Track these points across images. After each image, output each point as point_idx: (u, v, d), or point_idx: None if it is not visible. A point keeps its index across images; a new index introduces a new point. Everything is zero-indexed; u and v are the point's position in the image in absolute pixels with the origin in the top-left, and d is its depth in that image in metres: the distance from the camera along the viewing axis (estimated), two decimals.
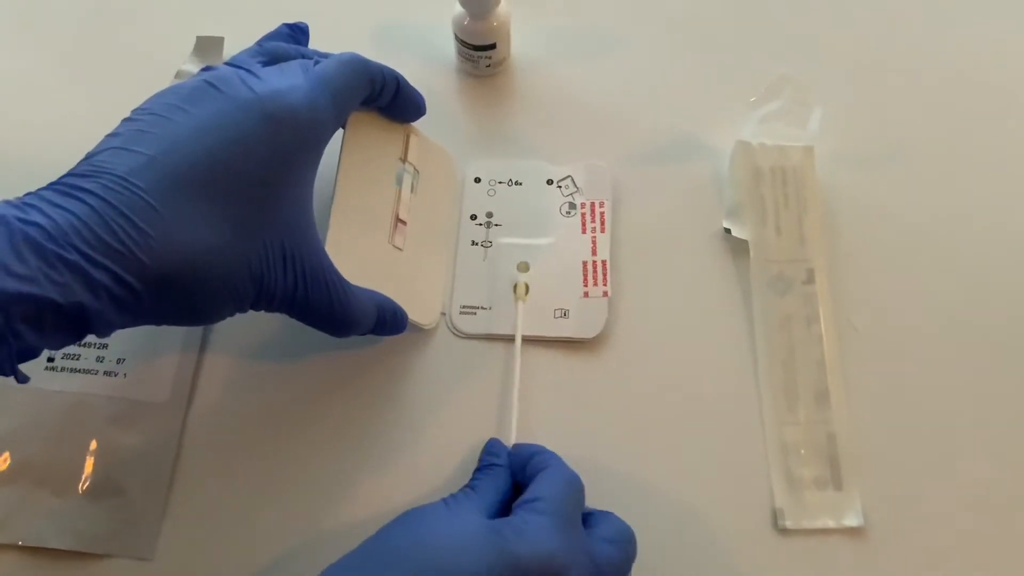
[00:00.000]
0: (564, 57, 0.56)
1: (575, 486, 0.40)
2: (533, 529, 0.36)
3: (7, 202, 0.34)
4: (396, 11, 0.57)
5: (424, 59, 0.55)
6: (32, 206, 0.33)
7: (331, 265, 0.41)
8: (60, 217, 0.33)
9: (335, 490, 0.45)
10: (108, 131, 0.37)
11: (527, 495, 0.38)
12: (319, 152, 0.41)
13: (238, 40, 0.42)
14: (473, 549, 0.35)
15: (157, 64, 0.54)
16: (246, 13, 0.57)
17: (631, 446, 0.45)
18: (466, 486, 0.41)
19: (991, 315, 0.48)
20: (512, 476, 0.41)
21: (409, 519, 0.37)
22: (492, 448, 0.43)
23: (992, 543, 0.43)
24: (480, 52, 0.53)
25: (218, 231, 0.36)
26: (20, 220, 0.32)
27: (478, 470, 0.42)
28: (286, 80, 0.39)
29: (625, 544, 0.39)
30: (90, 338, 0.47)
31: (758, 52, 0.56)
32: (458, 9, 0.51)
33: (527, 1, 0.56)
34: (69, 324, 0.34)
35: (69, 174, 0.36)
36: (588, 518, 0.40)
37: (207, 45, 0.56)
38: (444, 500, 0.39)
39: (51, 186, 0.35)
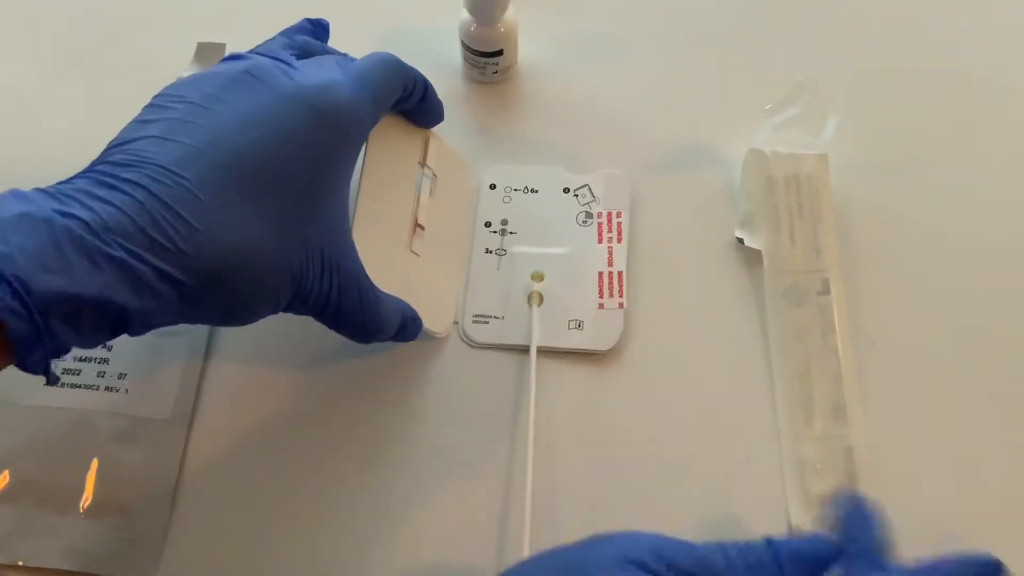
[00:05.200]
0: (571, 64, 0.55)
1: None
2: None
3: (42, 191, 0.32)
4: (402, 17, 0.57)
5: (430, 65, 0.54)
6: (71, 197, 0.32)
7: (363, 270, 0.40)
8: (103, 210, 0.31)
9: (342, 506, 0.44)
10: (109, 138, 0.35)
11: None
12: (358, 151, 0.40)
13: (239, 47, 0.41)
14: None
15: (157, 70, 0.52)
16: (247, 20, 0.56)
17: (645, 460, 0.44)
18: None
19: (1011, 325, 0.47)
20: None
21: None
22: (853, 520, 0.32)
23: (1017, 558, 0.43)
24: (487, 59, 0.52)
25: (264, 229, 0.35)
26: (60, 213, 0.31)
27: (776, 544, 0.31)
28: (326, 75, 0.38)
29: None
30: (91, 352, 0.47)
31: (770, 59, 0.55)
32: (465, 15, 0.51)
33: (533, 8, 0.55)
34: (108, 323, 0.32)
35: (106, 162, 0.33)
36: None
37: (208, 52, 0.55)
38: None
39: (87, 174, 0.33)
